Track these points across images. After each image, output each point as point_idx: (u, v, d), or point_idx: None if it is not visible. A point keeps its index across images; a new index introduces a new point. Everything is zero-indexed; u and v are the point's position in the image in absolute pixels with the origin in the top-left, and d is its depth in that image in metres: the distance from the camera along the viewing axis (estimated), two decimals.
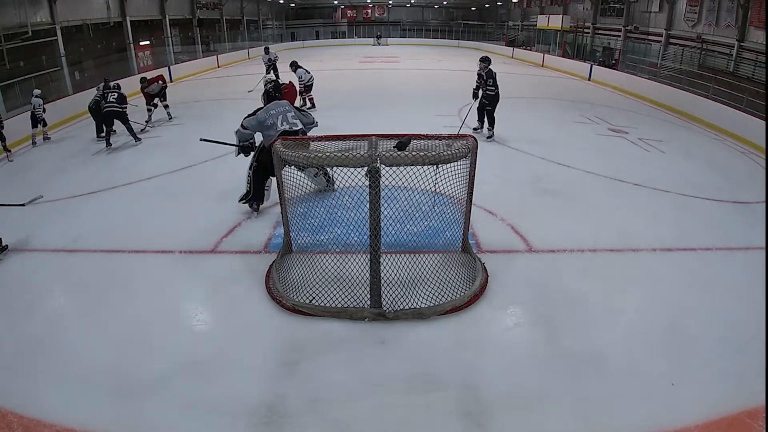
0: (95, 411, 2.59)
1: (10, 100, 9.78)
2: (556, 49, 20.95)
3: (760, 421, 2.51)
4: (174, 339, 3.16)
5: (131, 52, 16.00)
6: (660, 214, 5.04)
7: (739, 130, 8.62)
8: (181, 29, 20.97)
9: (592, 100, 11.72)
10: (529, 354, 3.02)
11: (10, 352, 3.06)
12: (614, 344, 3.09)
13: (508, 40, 26.48)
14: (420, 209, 3.80)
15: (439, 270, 3.65)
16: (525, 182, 5.78)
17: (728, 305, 3.53)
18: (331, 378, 2.81)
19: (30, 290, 3.73)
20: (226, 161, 6.57)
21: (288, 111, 4.56)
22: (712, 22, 14.57)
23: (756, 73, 12.32)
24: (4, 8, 11.36)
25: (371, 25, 34.42)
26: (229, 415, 2.55)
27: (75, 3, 13.96)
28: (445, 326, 3.24)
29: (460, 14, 35.43)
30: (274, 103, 4.73)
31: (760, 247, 4.30)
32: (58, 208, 5.15)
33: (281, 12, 33.80)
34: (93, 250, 4.31)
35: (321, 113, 9.27)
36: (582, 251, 4.21)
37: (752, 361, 2.88)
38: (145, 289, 3.71)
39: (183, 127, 8.87)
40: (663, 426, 2.50)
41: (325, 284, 3.46)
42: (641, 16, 18.19)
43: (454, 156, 3.19)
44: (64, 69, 12.41)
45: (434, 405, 2.63)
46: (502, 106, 7.63)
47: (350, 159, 3.16)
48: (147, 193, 5.61)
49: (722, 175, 6.40)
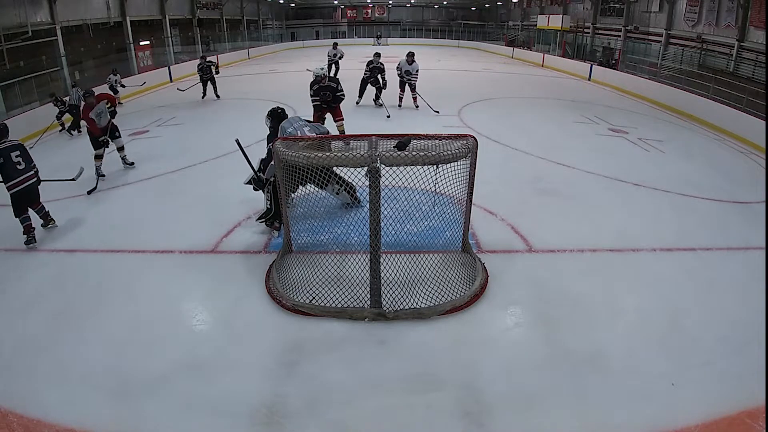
0: (95, 411, 2.59)
1: (10, 100, 9.78)
2: (556, 49, 20.95)
3: (760, 421, 2.51)
4: (174, 339, 3.16)
5: (131, 52, 16.00)
6: (660, 214, 5.04)
7: (739, 130, 8.62)
8: (181, 29, 20.97)
9: (592, 100, 11.72)
10: (529, 354, 3.02)
11: (9, 352, 3.06)
12: (614, 344, 3.09)
13: (508, 40, 26.47)
14: (420, 209, 3.80)
15: (439, 270, 3.65)
16: (525, 182, 5.78)
17: (728, 305, 3.53)
18: (331, 378, 2.81)
19: (30, 290, 3.73)
20: (226, 161, 6.58)
21: (303, 125, 4.42)
22: (712, 22, 14.57)
23: (756, 73, 12.32)
24: (4, 8, 11.37)
25: (371, 25, 34.41)
26: (229, 415, 2.55)
27: (75, 3, 13.97)
28: (445, 326, 3.23)
29: (460, 14, 35.42)
30: (287, 122, 4.44)
31: (760, 247, 4.30)
32: (58, 208, 5.14)
33: (281, 12, 33.80)
34: (93, 250, 4.31)
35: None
36: (582, 251, 4.21)
37: (752, 361, 2.88)
38: (145, 289, 3.71)
39: (183, 127, 8.87)
40: (663, 426, 2.50)
41: (325, 284, 3.46)
42: (641, 16, 18.20)
43: (454, 156, 3.19)
44: (64, 69, 12.42)
45: (434, 405, 2.63)
46: (503, 106, 7.62)
47: (350, 159, 3.16)
48: (147, 193, 5.61)
49: (722, 175, 6.40)
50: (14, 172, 4.22)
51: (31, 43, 12.23)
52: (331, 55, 13.77)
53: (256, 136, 6.79)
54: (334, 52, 13.69)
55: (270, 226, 4.48)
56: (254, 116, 9.33)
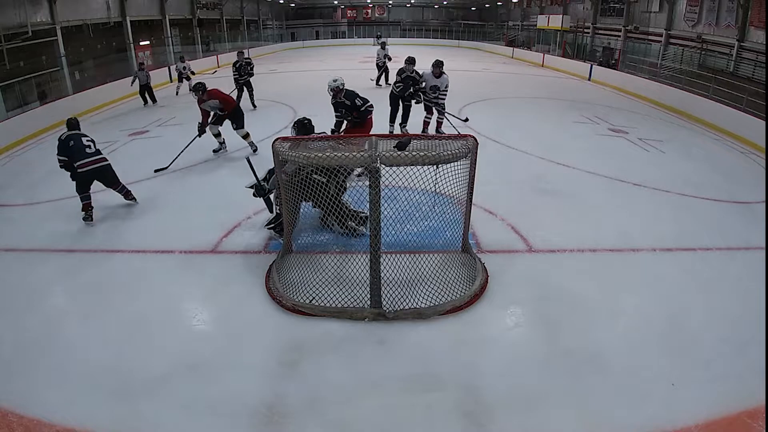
0: (95, 411, 2.59)
1: (10, 100, 9.78)
2: (556, 49, 20.95)
3: (760, 421, 2.51)
4: (174, 339, 3.16)
5: (131, 52, 16.01)
6: (660, 214, 5.04)
7: (739, 130, 8.62)
8: (181, 29, 20.96)
9: (592, 100, 11.72)
10: (529, 354, 3.02)
11: (9, 352, 3.06)
12: (614, 344, 3.09)
13: (508, 40, 26.48)
14: (420, 209, 3.80)
15: (439, 270, 3.65)
16: (525, 182, 5.78)
17: (728, 305, 3.53)
18: (330, 378, 2.81)
19: (30, 290, 3.72)
20: (226, 161, 6.58)
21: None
22: (712, 22, 14.57)
23: (756, 73, 12.32)
24: (4, 8, 11.35)
25: (371, 25, 34.41)
26: (229, 415, 2.55)
27: (75, 3, 13.95)
28: (445, 326, 3.24)
29: (460, 14, 35.42)
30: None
31: (760, 247, 4.31)
32: (58, 208, 5.14)
33: (281, 12, 33.80)
34: (93, 250, 4.31)
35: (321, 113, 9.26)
36: (582, 251, 4.21)
37: (752, 361, 2.88)
38: (145, 289, 3.71)
39: (183, 127, 8.85)
40: (663, 426, 2.50)
41: (325, 284, 3.46)
42: (641, 16, 18.20)
43: (454, 156, 3.19)
44: (64, 69, 12.43)
45: (434, 405, 2.63)
46: (503, 106, 7.61)
47: (350, 159, 3.16)
48: (147, 193, 5.61)
49: (722, 175, 6.40)
50: (84, 154, 4.71)
51: (31, 43, 12.21)
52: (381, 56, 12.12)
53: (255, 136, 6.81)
54: (384, 52, 12.08)
55: (278, 233, 4.32)
56: (254, 116, 9.37)
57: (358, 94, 5.83)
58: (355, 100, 5.75)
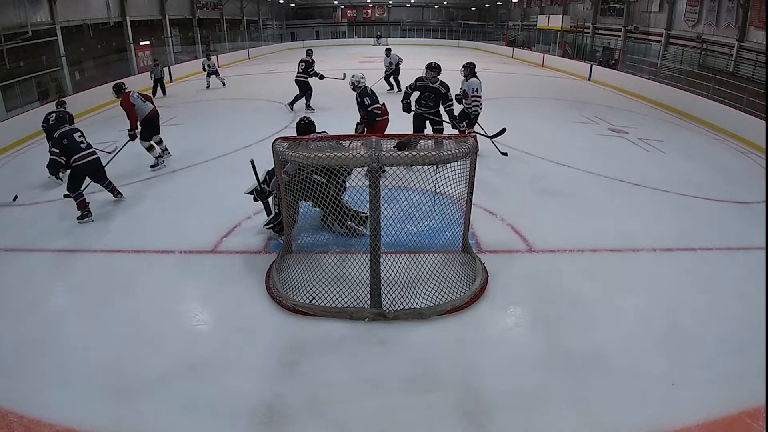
0: (95, 411, 2.59)
1: (10, 100, 9.78)
2: (556, 49, 20.94)
3: (760, 421, 2.51)
4: (174, 339, 3.16)
5: (131, 52, 16.00)
6: (660, 214, 5.04)
7: (739, 130, 8.62)
8: (181, 29, 20.96)
9: (592, 100, 11.72)
10: (530, 354, 3.02)
11: (10, 352, 3.06)
12: (614, 344, 3.08)
13: (508, 40, 26.47)
14: (420, 209, 3.80)
15: (439, 270, 3.65)
16: (525, 182, 5.78)
17: (728, 305, 3.52)
18: (331, 378, 2.81)
19: (30, 290, 3.72)
20: (226, 161, 6.58)
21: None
22: (712, 22, 14.57)
23: (756, 73, 12.32)
24: (4, 8, 11.35)
25: (371, 25, 34.41)
26: (228, 415, 2.55)
27: (75, 3, 13.95)
28: (445, 326, 3.23)
29: (460, 14, 35.42)
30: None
31: (760, 247, 4.30)
32: (59, 208, 5.14)
33: (281, 12, 33.78)
34: (93, 250, 4.31)
35: (321, 113, 9.27)
36: (582, 251, 4.21)
37: (752, 361, 2.88)
38: (145, 289, 3.71)
39: (183, 127, 8.87)
40: (663, 426, 2.50)
41: (325, 284, 3.45)
42: (641, 16, 18.20)
43: (454, 156, 3.19)
44: (64, 69, 12.43)
45: (434, 405, 2.63)
46: (503, 106, 7.61)
47: (350, 159, 3.16)
48: (147, 193, 5.61)
49: (722, 175, 6.40)
50: (78, 149, 4.77)
51: (31, 43, 12.22)
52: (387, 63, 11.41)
53: (255, 136, 6.81)
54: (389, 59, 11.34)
55: (278, 233, 4.34)
56: (255, 116, 9.37)
57: (370, 94, 5.68)
58: (364, 99, 5.67)
